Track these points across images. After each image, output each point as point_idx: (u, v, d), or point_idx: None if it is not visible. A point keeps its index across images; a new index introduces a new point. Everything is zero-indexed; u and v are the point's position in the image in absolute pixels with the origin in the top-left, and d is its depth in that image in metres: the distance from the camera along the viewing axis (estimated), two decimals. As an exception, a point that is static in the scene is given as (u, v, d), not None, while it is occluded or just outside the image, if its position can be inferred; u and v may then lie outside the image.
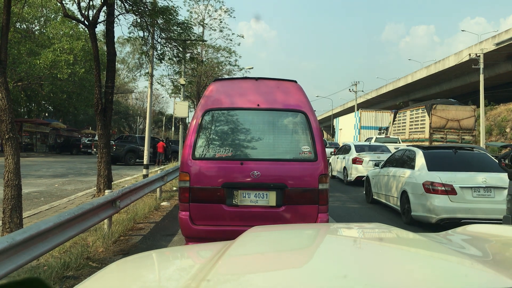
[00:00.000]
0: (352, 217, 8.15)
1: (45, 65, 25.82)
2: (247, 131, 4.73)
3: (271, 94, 4.80)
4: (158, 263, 1.57)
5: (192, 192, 4.44)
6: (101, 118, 8.88)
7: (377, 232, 1.97)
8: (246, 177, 4.45)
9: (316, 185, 4.49)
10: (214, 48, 21.83)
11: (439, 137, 20.70)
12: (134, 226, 6.47)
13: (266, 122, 4.74)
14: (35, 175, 15.02)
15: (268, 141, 4.72)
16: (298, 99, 4.76)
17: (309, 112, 4.68)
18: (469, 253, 1.44)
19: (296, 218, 4.51)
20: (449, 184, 6.82)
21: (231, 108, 4.72)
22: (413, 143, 21.91)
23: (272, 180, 4.48)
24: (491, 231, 1.80)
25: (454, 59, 36.04)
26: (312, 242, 1.76)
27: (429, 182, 6.95)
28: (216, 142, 4.63)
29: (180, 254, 1.77)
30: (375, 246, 1.63)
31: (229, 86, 4.99)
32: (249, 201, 4.48)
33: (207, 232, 4.45)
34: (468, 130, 20.87)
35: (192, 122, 4.65)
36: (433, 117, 20.83)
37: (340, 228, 2.12)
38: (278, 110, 4.72)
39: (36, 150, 36.16)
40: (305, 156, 4.59)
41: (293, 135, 4.73)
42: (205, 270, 1.19)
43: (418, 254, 1.47)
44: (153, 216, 7.43)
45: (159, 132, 69.96)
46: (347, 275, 1.11)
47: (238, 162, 4.50)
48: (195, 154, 4.50)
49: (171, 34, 10.00)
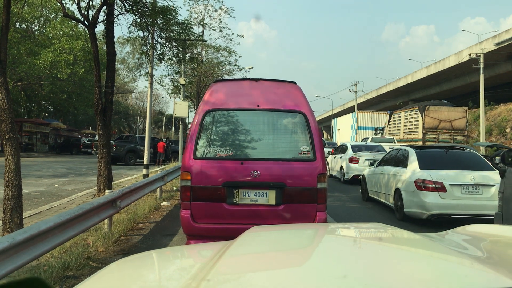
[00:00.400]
0: (350, 215, 8.21)
1: (45, 65, 25.81)
2: (247, 131, 4.75)
3: (271, 95, 4.81)
4: (158, 263, 1.57)
5: (194, 191, 4.45)
6: (101, 118, 8.88)
7: (377, 232, 1.97)
8: (246, 176, 4.47)
9: (314, 184, 4.51)
10: (214, 48, 21.84)
11: (432, 137, 21.27)
12: (135, 225, 6.46)
13: (266, 123, 4.77)
14: (36, 175, 15.02)
15: (268, 141, 4.75)
16: (297, 100, 4.78)
17: (308, 112, 4.71)
18: (469, 253, 1.44)
19: (295, 217, 4.52)
20: (439, 181, 7.05)
21: (231, 108, 4.73)
22: (407, 143, 22.08)
23: (271, 179, 4.50)
24: (491, 231, 1.80)
25: (454, 59, 36.03)
26: (312, 242, 1.76)
27: (420, 180, 7.20)
28: (217, 142, 4.64)
29: (180, 254, 1.77)
30: (375, 246, 1.63)
31: (230, 87, 5.00)
32: (249, 199, 4.50)
33: (208, 230, 4.46)
34: (460, 131, 21.55)
35: (193, 123, 4.67)
36: (426, 118, 21.44)
37: (340, 228, 2.13)
38: (278, 110, 4.74)
39: (36, 150, 36.19)
40: (304, 156, 4.62)
41: (292, 135, 4.76)
42: (205, 270, 1.19)
43: (418, 254, 1.47)
44: (153, 216, 7.43)
45: (159, 132, 69.97)
46: (347, 275, 1.11)
47: (238, 162, 4.51)
48: (196, 154, 4.51)
49: (170, 34, 10.01)
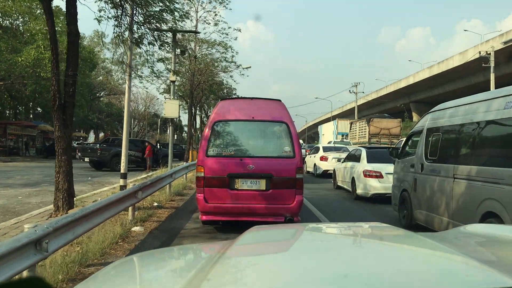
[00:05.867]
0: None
1: (27, 63, 24.10)
2: (245, 136, 6.49)
3: (262, 109, 6.44)
4: (158, 262, 1.56)
5: (206, 180, 6.05)
6: (59, 116, 7.12)
7: (378, 231, 1.98)
8: (244, 169, 6.09)
9: (294, 174, 6.08)
10: (208, 42, 20.11)
11: (375, 141, 27.66)
12: (79, 272, 4.23)
13: (258, 130, 6.50)
14: (3, 184, 13.26)
15: (260, 143, 6.49)
16: (281, 113, 6.38)
17: (289, 123, 6.32)
18: (469, 252, 1.43)
19: (279, 198, 6.10)
20: (379, 171, 10.11)
21: (233, 119, 6.42)
22: (359, 145, 27.64)
23: (262, 171, 6.07)
24: (491, 231, 1.82)
25: (459, 59, 34.58)
26: (312, 242, 1.78)
27: (366, 170, 10.31)
28: (223, 144, 6.29)
29: (181, 253, 1.78)
30: (375, 245, 1.64)
31: (232, 103, 6.87)
32: (246, 186, 6.12)
33: (216, 208, 6.11)
34: (395, 136, 28.00)
35: (205, 130, 6.42)
36: (371, 127, 28.39)
37: (340, 228, 2.17)
38: (267, 121, 6.43)
39: (22, 154, 34.30)
40: (286, 154, 6.20)
41: (278, 139, 6.41)
42: (206, 269, 1.19)
43: (418, 254, 1.46)
44: (115, 251, 5.21)
45: (154, 135, 68.24)
46: (347, 275, 1.12)
47: (238, 159, 6.17)
48: (208, 153, 6.15)
49: (150, 10, 8.30)
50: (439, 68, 37.69)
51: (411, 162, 7.04)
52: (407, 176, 7.16)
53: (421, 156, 6.62)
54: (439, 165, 6.02)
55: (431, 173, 6.26)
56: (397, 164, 7.88)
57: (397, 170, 7.87)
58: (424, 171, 6.48)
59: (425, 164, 6.47)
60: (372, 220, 7.61)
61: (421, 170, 6.56)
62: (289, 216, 5.99)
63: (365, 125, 29.45)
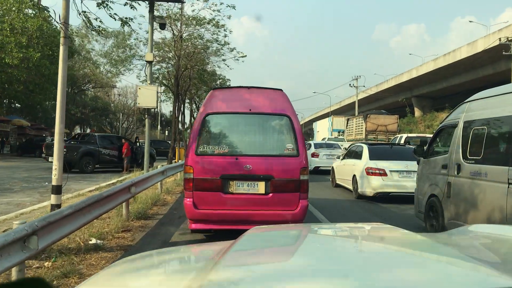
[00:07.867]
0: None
1: (-13, 48, 21.19)
2: (241, 131, 5.83)
3: (261, 100, 5.72)
4: (158, 263, 1.58)
5: (195, 182, 5.39)
6: None
7: (378, 232, 1.98)
8: (240, 170, 5.42)
9: (298, 176, 5.44)
10: (196, 19, 17.22)
11: (372, 137, 26.69)
12: None
13: (257, 124, 5.78)
14: None
15: (258, 140, 5.78)
16: (283, 105, 5.69)
17: (292, 116, 5.66)
18: (469, 252, 1.44)
19: (281, 203, 5.46)
20: (382, 169, 9.69)
21: (227, 112, 5.69)
22: (356, 141, 28.04)
23: (261, 172, 5.43)
24: (491, 231, 1.81)
25: (467, 50, 32.41)
26: (312, 242, 1.77)
27: (369, 167, 9.83)
28: (215, 141, 5.60)
29: (181, 254, 1.78)
30: (376, 246, 1.64)
31: (226, 93, 6.13)
32: (242, 189, 5.47)
33: (207, 215, 5.43)
34: (392, 132, 27.24)
35: (195, 124, 5.75)
36: (368, 123, 27.57)
37: (340, 228, 2.19)
38: (267, 114, 5.72)
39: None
40: (289, 152, 5.55)
41: (279, 135, 5.75)
42: (206, 270, 1.20)
43: (419, 254, 1.47)
44: None
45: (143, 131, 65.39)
46: (348, 275, 1.13)
47: (233, 158, 5.48)
48: (197, 151, 5.46)
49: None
50: (445, 61, 35.55)
51: (442, 162, 6.12)
52: (437, 179, 6.20)
53: (457, 155, 5.66)
54: (485, 167, 5.02)
55: (472, 176, 5.30)
56: (422, 164, 6.92)
57: (423, 171, 6.90)
58: (461, 174, 5.53)
59: (463, 165, 5.49)
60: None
61: (457, 172, 5.62)
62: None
63: (361, 122, 29.03)
